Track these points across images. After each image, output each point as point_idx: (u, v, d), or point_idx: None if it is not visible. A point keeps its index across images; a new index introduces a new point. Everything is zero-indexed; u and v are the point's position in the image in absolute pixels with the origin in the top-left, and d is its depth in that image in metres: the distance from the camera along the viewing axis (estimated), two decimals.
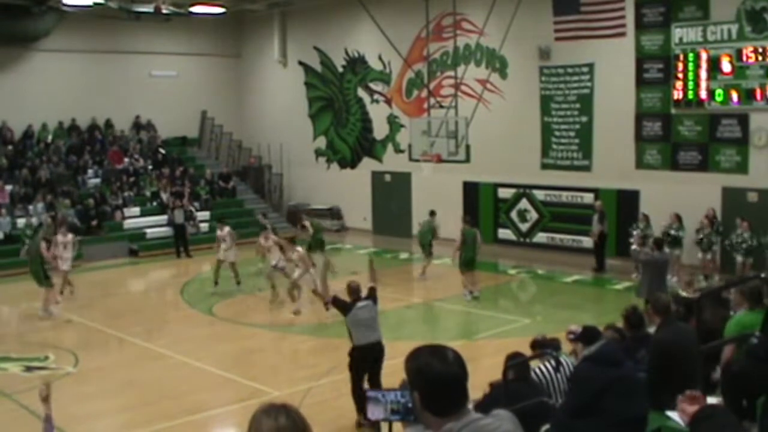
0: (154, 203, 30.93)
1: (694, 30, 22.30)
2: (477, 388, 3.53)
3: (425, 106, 27.50)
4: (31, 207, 28.25)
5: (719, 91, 21.93)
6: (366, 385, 12.18)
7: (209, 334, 18.86)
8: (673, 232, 21.53)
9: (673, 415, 6.96)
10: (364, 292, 12.71)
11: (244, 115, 36.98)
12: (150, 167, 32.77)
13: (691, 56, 22.38)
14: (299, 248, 20.49)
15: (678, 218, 21.76)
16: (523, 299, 22.46)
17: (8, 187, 28.61)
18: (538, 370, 9.22)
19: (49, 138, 31.76)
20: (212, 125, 36.49)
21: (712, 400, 6.34)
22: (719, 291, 11.07)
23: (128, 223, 29.57)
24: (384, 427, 4.98)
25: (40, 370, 15.58)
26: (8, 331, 19.97)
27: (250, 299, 22.46)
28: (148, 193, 31.33)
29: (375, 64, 31.35)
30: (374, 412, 4.05)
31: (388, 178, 31.46)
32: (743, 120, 21.83)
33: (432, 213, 24.78)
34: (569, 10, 24.47)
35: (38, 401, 7.99)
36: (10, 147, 30.63)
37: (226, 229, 23.14)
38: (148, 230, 29.30)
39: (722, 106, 22.03)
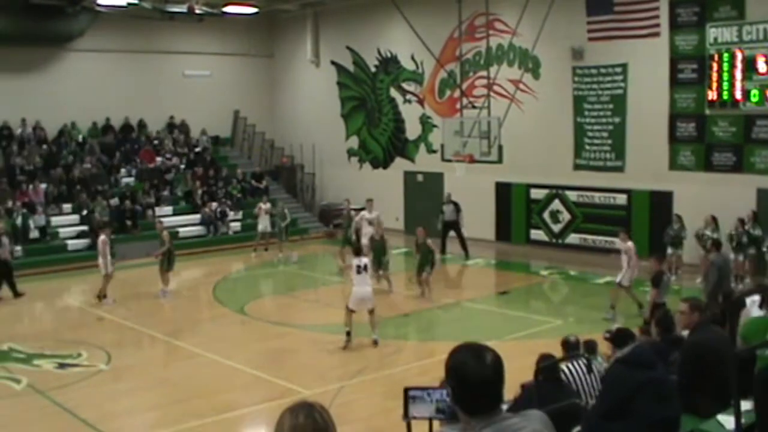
0: (186, 202, 31.10)
1: (729, 30, 22.10)
2: (508, 389, 3.53)
3: (458, 106, 27.45)
4: (65, 206, 28.55)
5: (754, 92, 21.71)
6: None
7: (241, 332, 18.92)
8: (708, 233, 21.40)
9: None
10: None
11: (277, 114, 37.10)
12: (183, 166, 32.94)
13: (726, 56, 22.17)
14: None
15: (714, 220, 21.63)
16: (555, 300, 22.36)
17: (42, 186, 28.86)
18: (570, 369, 9.18)
19: (80, 137, 32.00)
20: (245, 125, 36.63)
21: (746, 405, 6.29)
22: (748, 294, 10.96)
23: None
24: (416, 425, 4.97)
25: (73, 367, 15.70)
26: (42, 328, 20.16)
27: (282, 299, 22.55)
28: (180, 192, 31.53)
29: (407, 64, 31.33)
30: (419, 410, 4.03)
31: (420, 178, 31.43)
32: None
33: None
34: (603, 10, 24.34)
35: (71, 398, 8.03)
36: (44, 146, 30.89)
37: None
38: (181, 229, 29.41)
39: (757, 107, 21.79)
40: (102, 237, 21.61)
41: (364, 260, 16.82)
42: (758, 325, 8.74)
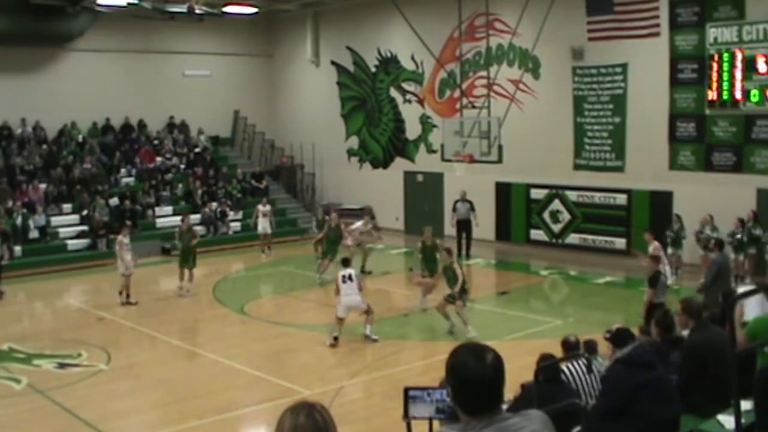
0: (186, 202, 31.08)
1: (729, 30, 22.09)
2: (508, 389, 3.52)
3: (458, 106, 27.46)
4: (65, 206, 28.57)
5: (755, 92, 21.70)
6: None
7: (241, 332, 18.93)
8: (708, 233, 21.36)
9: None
10: None
11: (277, 114, 37.08)
12: (183, 166, 32.94)
13: (726, 56, 22.16)
14: None
15: (711, 219, 21.59)
16: (555, 300, 22.36)
17: (42, 186, 28.86)
18: (570, 369, 9.18)
19: (80, 137, 32.02)
20: (245, 125, 36.65)
21: (746, 405, 6.28)
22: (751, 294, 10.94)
23: (161, 222, 29.74)
24: (417, 425, 4.97)
25: (73, 367, 15.70)
26: (42, 328, 20.14)
27: (282, 299, 22.56)
28: (180, 192, 31.53)
29: (408, 64, 31.33)
30: (419, 410, 4.03)
31: (420, 178, 31.43)
32: None
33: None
34: (603, 10, 24.32)
35: (71, 398, 8.03)
36: (44, 146, 30.89)
37: None
38: None
39: (758, 107, 21.79)
40: (119, 238, 21.81)
41: (349, 271, 17.16)
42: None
